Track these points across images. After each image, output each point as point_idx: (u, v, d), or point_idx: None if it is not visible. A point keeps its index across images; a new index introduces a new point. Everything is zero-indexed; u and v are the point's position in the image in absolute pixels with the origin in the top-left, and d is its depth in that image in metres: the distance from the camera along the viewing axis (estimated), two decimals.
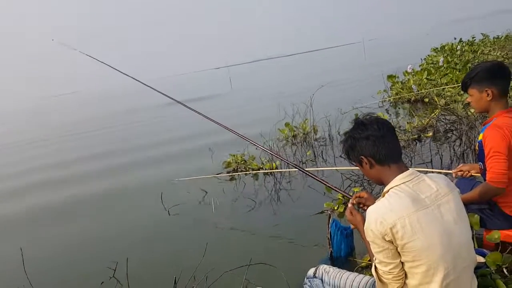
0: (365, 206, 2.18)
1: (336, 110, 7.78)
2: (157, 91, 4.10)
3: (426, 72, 9.36)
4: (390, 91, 9.46)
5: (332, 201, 4.16)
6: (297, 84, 17.85)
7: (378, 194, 2.35)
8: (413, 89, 8.79)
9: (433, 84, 8.73)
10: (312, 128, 7.33)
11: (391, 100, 9.07)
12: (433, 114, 6.43)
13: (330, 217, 3.07)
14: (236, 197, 5.03)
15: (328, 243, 3.08)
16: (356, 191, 4.21)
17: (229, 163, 6.20)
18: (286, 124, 7.49)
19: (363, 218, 1.96)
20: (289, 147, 6.92)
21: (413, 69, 10.00)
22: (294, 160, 6.10)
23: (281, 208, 4.50)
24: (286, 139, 7.34)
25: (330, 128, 7.09)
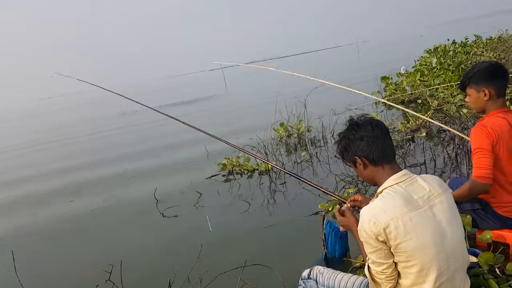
0: (360, 209, 2.21)
1: (330, 111, 7.81)
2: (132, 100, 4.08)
3: (419, 73, 9.41)
4: (384, 92, 9.50)
5: (327, 202, 4.18)
6: (292, 86, 17.87)
7: (373, 195, 2.38)
8: (407, 90, 8.85)
9: (426, 85, 8.79)
10: (307, 129, 7.36)
11: (385, 101, 9.10)
12: (426, 115, 6.48)
13: (325, 218, 3.08)
14: (231, 199, 5.03)
15: (323, 244, 3.10)
16: (351, 192, 4.24)
17: (225, 165, 6.21)
18: (281, 124, 7.51)
19: (356, 220, 1.98)
20: (284, 148, 6.93)
21: (407, 71, 10.05)
22: (289, 161, 6.12)
23: (276, 210, 4.51)
24: (281, 139, 7.35)
25: (324, 129, 7.12)
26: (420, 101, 8.17)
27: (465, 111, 6.32)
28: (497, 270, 2.43)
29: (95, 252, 4.29)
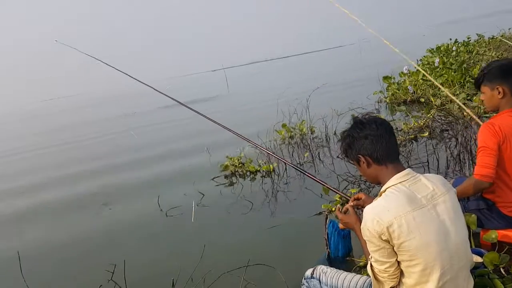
0: (363, 208, 2.20)
1: (333, 111, 7.79)
2: (160, 92, 4.04)
3: (422, 73, 9.37)
4: (386, 92, 9.48)
5: (330, 203, 4.16)
6: (294, 86, 17.86)
7: (376, 195, 2.37)
8: (409, 90, 8.82)
9: (429, 85, 8.76)
10: (309, 129, 7.34)
11: (387, 101, 9.09)
12: (429, 115, 6.46)
13: (327, 218, 3.07)
14: (234, 199, 5.02)
15: (326, 244, 3.09)
16: (353, 192, 4.22)
17: (227, 166, 6.19)
18: (283, 125, 7.49)
19: (358, 218, 1.97)
20: (286, 148, 6.92)
21: (409, 70, 10.03)
22: (292, 162, 6.10)
23: (279, 210, 4.50)
24: (283, 140, 7.34)
25: (327, 129, 7.10)
26: (423, 100, 8.15)
27: (468, 111, 6.28)
28: (502, 270, 2.41)
29: (98, 252, 4.29)
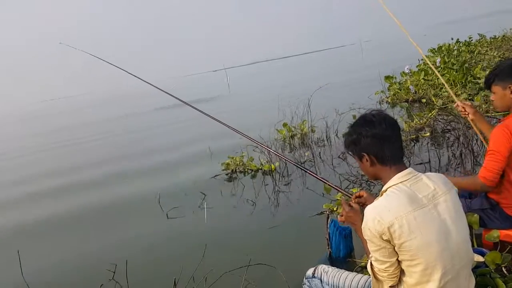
0: (365, 206, 2.20)
1: (334, 111, 7.78)
2: (166, 93, 4.01)
3: (423, 73, 9.37)
4: (388, 92, 9.48)
5: (331, 202, 4.16)
6: (295, 86, 17.87)
7: (377, 195, 2.37)
8: (411, 90, 8.81)
9: (430, 85, 8.75)
10: (310, 129, 7.34)
11: (389, 101, 9.09)
12: (431, 114, 6.45)
13: (329, 218, 3.07)
14: (235, 199, 5.02)
15: (327, 244, 3.09)
16: (355, 192, 4.21)
17: (228, 165, 6.19)
18: (284, 125, 7.49)
19: (362, 217, 1.97)
20: (287, 148, 6.92)
21: (411, 70, 10.02)
22: (293, 161, 6.08)
23: (280, 209, 4.50)
24: (284, 140, 7.34)
25: (328, 129, 7.10)
26: (425, 100, 8.14)
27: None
28: (504, 269, 2.41)
29: (100, 252, 4.29)
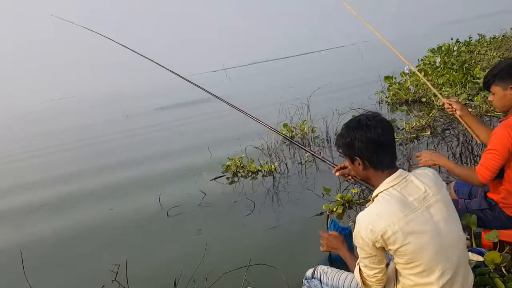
0: (349, 176, 2.32)
1: (334, 112, 7.80)
2: (196, 85, 3.83)
3: (423, 73, 9.38)
4: (388, 92, 9.48)
5: (331, 203, 4.17)
6: (295, 86, 17.88)
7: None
8: (411, 90, 8.82)
9: (431, 84, 8.76)
10: (310, 129, 7.35)
11: (389, 101, 9.10)
12: (431, 114, 6.46)
13: (329, 218, 3.07)
14: (235, 199, 5.03)
15: None
16: (355, 193, 4.23)
17: (228, 166, 6.20)
18: (284, 125, 7.50)
19: (343, 241, 2.14)
20: (287, 148, 6.93)
21: (410, 70, 10.03)
22: (293, 162, 6.10)
23: (280, 210, 4.51)
24: (284, 140, 7.35)
25: (328, 129, 7.11)
26: (425, 100, 8.15)
27: (470, 110, 6.28)
28: (503, 269, 2.42)
29: (101, 253, 4.30)
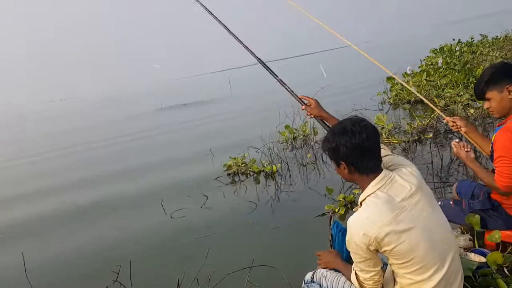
0: (311, 114, 2.42)
1: (336, 113, 7.77)
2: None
3: (426, 73, 9.36)
4: (390, 93, 9.47)
5: (333, 203, 4.17)
6: (296, 88, 17.82)
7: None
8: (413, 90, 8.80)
9: (432, 86, 8.74)
10: (312, 131, 7.34)
11: (391, 102, 9.09)
12: (433, 115, 6.45)
13: (332, 219, 3.07)
14: (237, 200, 5.04)
15: (330, 245, 3.08)
16: (357, 193, 4.22)
17: (230, 166, 6.20)
18: (286, 127, 7.50)
19: (338, 255, 2.17)
20: (289, 149, 6.92)
21: (413, 71, 10.01)
22: (295, 163, 6.09)
23: (282, 211, 4.51)
24: (286, 142, 7.34)
25: None
26: (427, 101, 8.13)
27: (472, 111, 6.28)
28: (506, 270, 2.42)
29: (104, 253, 4.31)
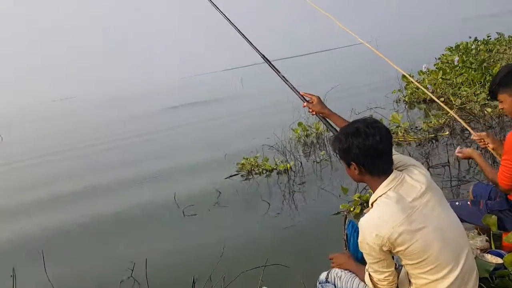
0: (313, 111, 2.40)
1: (350, 111, 7.73)
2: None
3: (441, 72, 9.24)
4: (405, 91, 9.37)
5: (348, 203, 4.14)
6: (308, 85, 17.77)
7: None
8: (428, 88, 8.69)
9: (449, 84, 8.62)
10: (326, 128, 7.30)
11: (406, 100, 8.99)
12: (449, 114, 6.36)
13: (347, 218, 3.05)
14: (250, 198, 5.04)
15: (344, 245, 3.07)
16: (371, 193, 4.18)
17: (243, 165, 6.20)
18: (299, 124, 7.46)
19: (350, 256, 2.18)
20: (302, 147, 6.90)
21: (428, 69, 9.89)
22: (308, 160, 6.07)
23: (296, 209, 4.50)
24: (299, 139, 7.31)
25: None
26: (443, 100, 8.02)
27: (489, 110, 6.18)
28: None
29: (116, 250, 4.35)
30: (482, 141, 2.69)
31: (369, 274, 1.82)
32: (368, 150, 1.70)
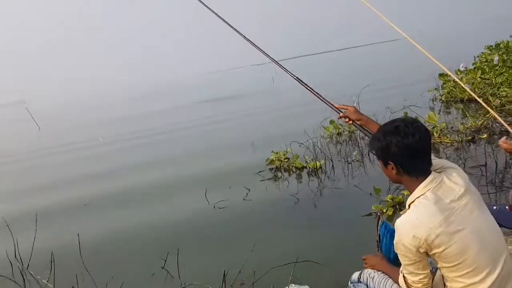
0: (346, 118, 2.34)
1: (385, 109, 7.57)
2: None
3: (480, 71, 8.92)
4: (442, 90, 9.11)
5: (380, 203, 4.08)
6: (340, 82, 17.51)
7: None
8: (466, 88, 8.42)
9: (488, 83, 8.32)
10: None
11: (443, 99, 8.74)
12: (488, 115, 6.14)
13: (380, 219, 3.01)
14: (279, 195, 5.04)
15: (377, 245, 3.03)
16: (406, 194, 4.11)
17: (272, 161, 6.19)
18: (331, 122, 7.38)
19: (383, 258, 2.18)
20: (334, 145, 6.82)
21: (466, 68, 9.57)
22: (339, 160, 6.00)
23: (326, 208, 4.47)
24: (331, 137, 7.24)
25: None
26: (482, 100, 7.75)
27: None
28: None
29: (151, 243, 4.39)
30: (510, 148, 2.55)
31: (404, 276, 1.81)
32: (407, 149, 1.68)
